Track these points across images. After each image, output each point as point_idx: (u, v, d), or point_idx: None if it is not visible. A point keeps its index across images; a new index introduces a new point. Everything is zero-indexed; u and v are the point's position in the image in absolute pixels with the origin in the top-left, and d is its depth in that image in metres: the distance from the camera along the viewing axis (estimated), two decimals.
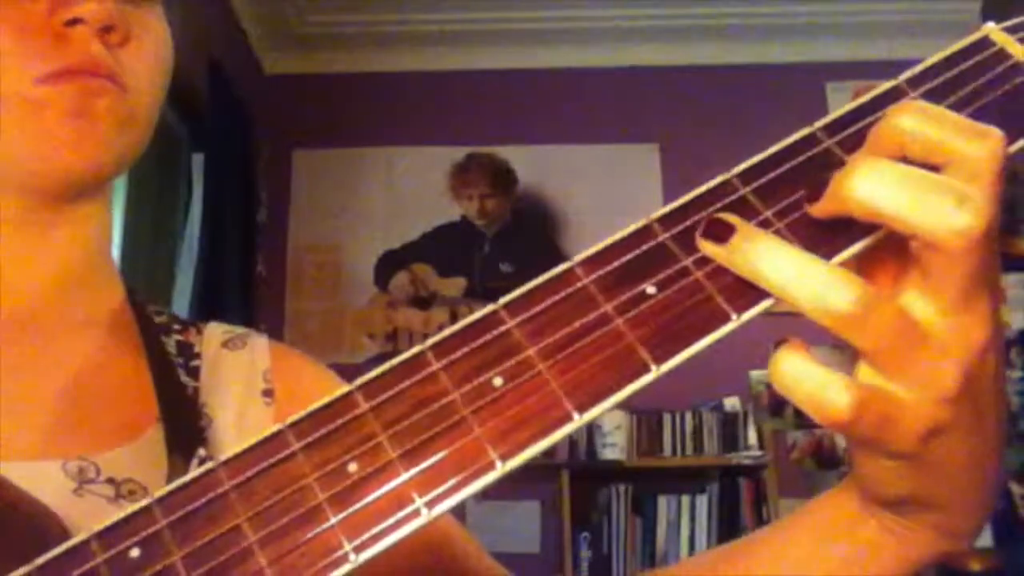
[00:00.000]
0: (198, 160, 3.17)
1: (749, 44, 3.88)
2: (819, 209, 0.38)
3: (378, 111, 3.84)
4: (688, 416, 3.45)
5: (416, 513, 0.33)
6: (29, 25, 0.53)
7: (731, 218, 0.38)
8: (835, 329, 0.36)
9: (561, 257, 0.45)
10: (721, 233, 0.37)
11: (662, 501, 3.40)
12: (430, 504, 0.33)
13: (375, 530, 0.33)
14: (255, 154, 3.53)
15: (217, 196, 3.14)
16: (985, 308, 0.38)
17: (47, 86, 0.53)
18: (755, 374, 3.50)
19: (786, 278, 0.36)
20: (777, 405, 3.47)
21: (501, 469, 0.34)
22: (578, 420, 0.34)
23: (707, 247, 0.38)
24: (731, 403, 3.49)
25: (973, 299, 0.37)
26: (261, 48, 3.85)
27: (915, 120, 0.38)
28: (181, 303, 2.95)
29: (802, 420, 3.49)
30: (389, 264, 3.80)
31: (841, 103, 0.44)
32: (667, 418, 3.44)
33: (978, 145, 0.37)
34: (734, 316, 0.36)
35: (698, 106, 3.80)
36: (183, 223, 3.14)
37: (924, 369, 0.37)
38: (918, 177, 0.36)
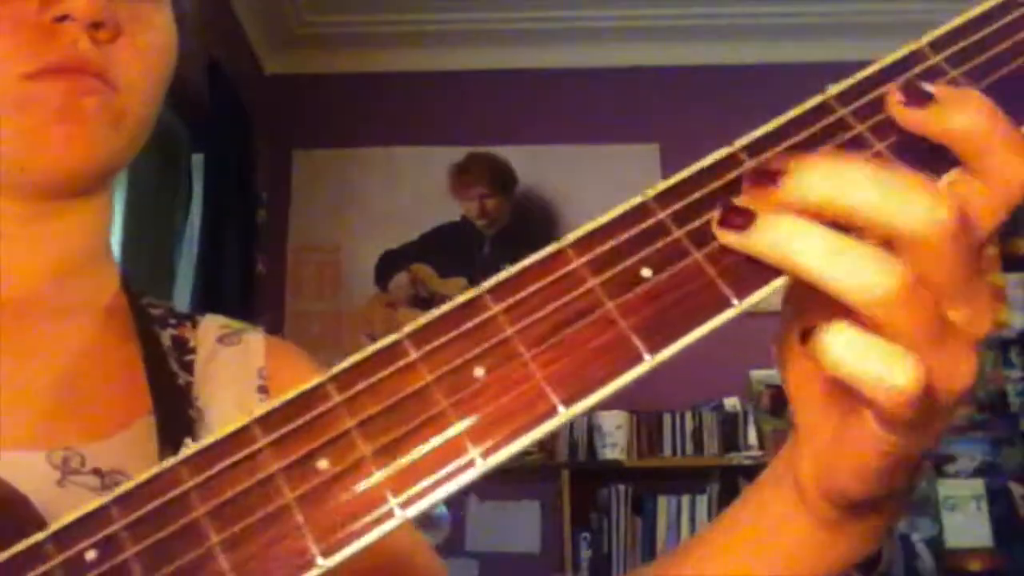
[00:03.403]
0: (198, 160, 3.17)
1: (749, 44, 3.87)
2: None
3: (378, 111, 3.83)
4: (688, 416, 3.45)
5: (389, 514, 0.31)
6: (18, 21, 0.53)
7: (750, 203, 0.34)
8: (873, 310, 0.33)
9: None
10: (739, 221, 0.34)
11: (662, 501, 3.39)
12: (404, 504, 0.31)
13: (344, 532, 0.30)
14: (255, 154, 3.52)
15: (217, 196, 3.14)
16: (984, 296, 0.36)
17: (33, 83, 0.53)
18: (755, 374, 3.48)
19: (819, 259, 0.33)
20: (777, 405, 3.46)
21: (481, 467, 0.31)
22: (564, 414, 0.32)
23: (726, 236, 0.34)
24: (731, 403, 3.47)
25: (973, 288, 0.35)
26: (261, 48, 3.84)
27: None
28: (181, 303, 2.95)
29: None
30: (389, 264, 3.79)
31: None
32: (667, 418, 3.43)
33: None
34: (735, 301, 0.33)
35: (698, 106, 3.78)
36: (183, 222, 3.14)
37: (950, 356, 0.35)
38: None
